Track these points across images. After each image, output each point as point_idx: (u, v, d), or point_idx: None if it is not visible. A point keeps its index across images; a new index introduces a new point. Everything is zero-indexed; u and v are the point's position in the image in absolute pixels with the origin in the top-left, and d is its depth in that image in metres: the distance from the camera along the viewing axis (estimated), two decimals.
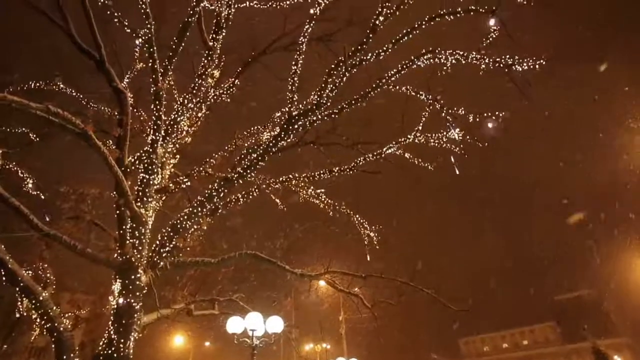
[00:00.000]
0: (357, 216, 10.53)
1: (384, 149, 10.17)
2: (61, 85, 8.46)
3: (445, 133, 9.85)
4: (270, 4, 9.86)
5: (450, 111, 9.30)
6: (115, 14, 8.29)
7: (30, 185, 8.62)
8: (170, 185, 9.30)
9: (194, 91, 9.25)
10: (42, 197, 8.56)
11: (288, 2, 9.83)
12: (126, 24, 8.51)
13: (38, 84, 8.28)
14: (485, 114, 9.19)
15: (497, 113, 9.10)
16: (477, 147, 9.91)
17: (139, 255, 8.39)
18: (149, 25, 8.49)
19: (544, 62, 8.28)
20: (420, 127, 9.94)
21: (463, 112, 9.21)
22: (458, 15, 8.72)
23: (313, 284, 12.17)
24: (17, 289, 7.23)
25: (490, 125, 9.17)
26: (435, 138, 9.97)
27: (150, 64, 8.68)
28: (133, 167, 8.98)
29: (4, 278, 7.11)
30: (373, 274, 10.33)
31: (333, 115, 9.25)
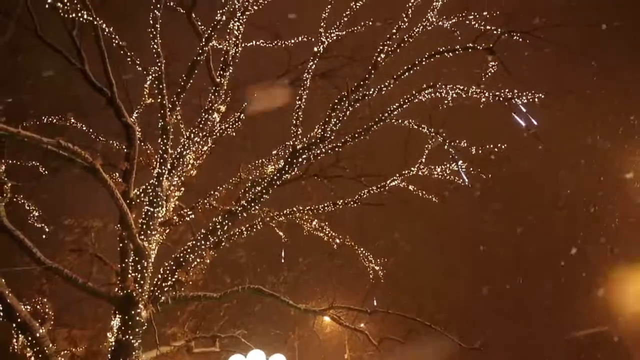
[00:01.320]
0: (362, 249, 10.41)
1: (388, 182, 10.20)
2: (72, 121, 8.73)
3: (448, 165, 9.90)
4: (275, 42, 10.28)
5: (453, 144, 9.41)
6: (129, 54, 8.66)
7: (35, 218, 8.68)
8: (175, 218, 9.32)
9: (201, 125, 9.46)
10: (47, 229, 8.60)
11: (292, 41, 10.24)
12: (138, 62, 8.86)
13: (51, 119, 8.54)
14: (488, 146, 9.28)
15: (499, 145, 9.20)
16: (482, 178, 9.94)
17: (140, 290, 8.28)
18: (159, 64, 8.84)
19: (542, 96, 8.44)
20: (423, 160, 10.01)
21: (466, 144, 9.31)
22: (457, 52, 9.01)
23: (317, 320, 11.85)
24: (14, 324, 7.11)
25: (493, 157, 9.24)
26: (439, 170, 10.01)
27: (159, 100, 8.95)
28: (138, 200, 9.05)
29: (1, 313, 7.00)
30: (379, 310, 10.08)
31: (337, 149, 9.38)
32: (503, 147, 9.27)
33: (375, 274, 10.38)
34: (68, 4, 7.88)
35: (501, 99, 8.78)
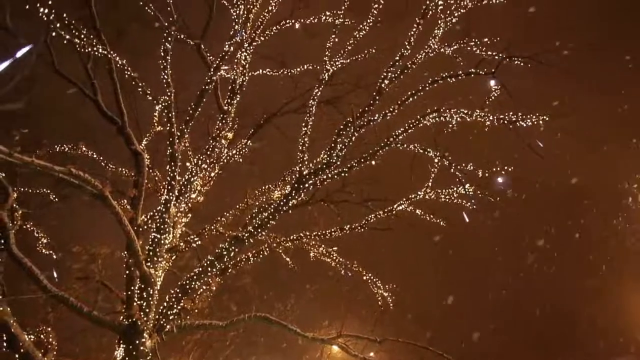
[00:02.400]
0: (370, 275, 10.25)
1: (395, 206, 10.16)
2: (84, 149, 8.94)
3: (455, 189, 9.86)
4: (281, 71, 10.57)
5: (459, 167, 9.40)
6: (140, 85, 8.95)
7: (43, 245, 8.74)
8: (181, 244, 9.32)
9: (208, 152, 9.61)
10: (55, 256, 8.63)
11: (298, 69, 10.52)
12: (149, 92, 9.13)
13: (63, 148, 8.75)
14: (494, 169, 9.26)
15: (506, 167, 9.17)
16: (491, 202, 9.86)
17: (145, 318, 8.18)
18: (169, 93, 9.10)
19: (547, 118, 8.49)
20: (430, 184, 9.99)
21: (472, 167, 9.30)
22: (459, 78, 9.16)
23: (325, 349, 11.53)
24: (17, 355, 7.01)
25: (500, 180, 9.20)
26: (446, 194, 9.97)
27: (168, 128, 9.16)
28: (145, 227, 9.09)
29: (5, 343, 6.93)
30: (389, 338, 9.80)
31: (343, 174, 9.42)
32: (510, 169, 9.25)
33: (384, 301, 10.17)
34: (85, 39, 8.24)
35: (505, 121, 8.84)
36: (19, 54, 7.58)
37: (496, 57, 8.77)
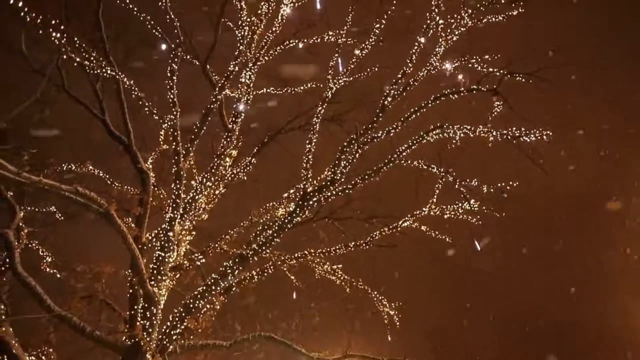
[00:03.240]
0: (375, 293, 10.11)
1: (399, 223, 10.10)
2: (91, 167, 9.03)
3: (460, 205, 9.80)
4: (285, 89, 10.72)
5: (463, 183, 9.37)
6: (147, 104, 9.11)
7: (48, 264, 8.74)
8: (185, 262, 9.28)
9: (213, 170, 9.67)
10: (59, 275, 8.62)
11: (301, 87, 10.67)
12: (155, 112, 9.28)
13: (70, 167, 8.86)
14: (499, 184, 9.23)
15: (511, 183, 9.13)
16: (496, 217, 9.78)
17: (148, 338, 8.08)
18: (175, 112, 9.24)
19: (550, 133, 8.50)
20: (434, 200, 9.94)
21: (477, 183, 9.26)
22: (462, 94, 9.23)
23: None
24: None
25: (505, 195, 9.15)
26: (451, 210, 9.90)
27: (173, 146, 9.25)
28: (150, 245, 9.08)
29: None
30: (396, 358, 9.59)
31: (347, 191, 9.41)
32: (515, 184, 9.20)
33: (390, 319, 9.99)
34: (95, 61, 8.46)
35: (509, 137, 8.85)
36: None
37: (498, 74, 8.86)
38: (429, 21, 9.04)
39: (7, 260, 7.80)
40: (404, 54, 9.32)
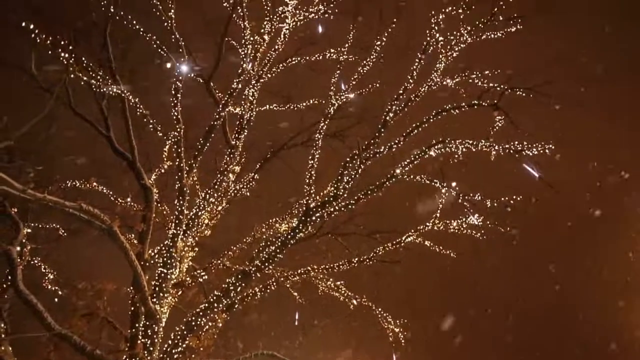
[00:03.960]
0: (380, 309, 9.96)
1: (403, 238, 10.04)
2: (95, 184, 9.09)
3: (464, 219, 9.75)
4: (288, 105, 10.84)
5: (467, 197, 9.35)
6: (151, 121, 9.22)
7: (49, 281, 8.70)
8: (187, 279, 9.22)
9: (216, 186, 9.69)
10: (60, 292, 8.57)
11: (304, 104, 10.79)
12: (159, 128, 9.39)
13: (74, 183, 8.92)
14: (503, 199, 9.20)
15: (514, 197, 9.10)
16: (501, 232, 9.71)
17: (149, 357, 7.96)
18: (178, 129, 9.33)
19: (552, 147, 8.52)
20: (438, 214, 9.90)
21: (480, 197, 9.24)
22: (462, 109, 9.30)
23: None
24: None
25: (509, 209, 9.11)
26: (455, 225, 9.85)
27: (177, 163, 9.32)
28: (152, 262, 9.04)
29: None
30: None
31: (350, 206, 9.40)
32: (519, 198, 9.17)
33: (395, 337, 9.82)
34: (101, 80, 8.64)
35: (511, 151, 8.88)
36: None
37: (498, 89, 8.94)
38: (428, 38, 9.19)
39: (9, 277, 7.78)
40: (405, 70, 9.46)
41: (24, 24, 7.56)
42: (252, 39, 9.92)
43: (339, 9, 9.97)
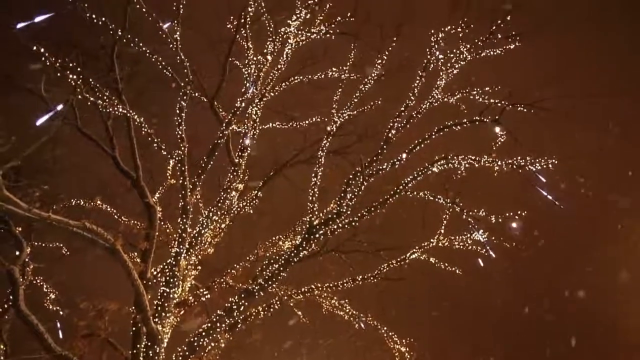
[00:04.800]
0: (385, 328, 9.77)
1: (407, 255, 9.93)
2: (99, 202, 9.14)
3: (469, 235, 9.66)
4: (290, 123, 10.95)
5: (471, 213, 9.28)
6: (155, 140, 9.34)
7: (51, 301, 8.64)
8: (190, 298, 9.12)
9: (219, 204, 9.70)
10: (61, 312, 8.50)
11: (306, 121, 10.90)
12: (163, 147, 9.49)
13: (79, 202, 8.98)
14: (507, 214, 9.12)
15: (519, 212, 9.03)
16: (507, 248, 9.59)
17: None
18: (182, 148, 9.42)
19: (555, 162, 8.49)
20: (442, 231, 9.82)
21: (484, 213, 9.17)
22: (464, 125, 9.35)
23: None
24: None
25: (514, 225, 9.02)
26: (460, 241, 9.75)
27: (180, 181, 9.36)
28: (155, 280, 8.98)
29: None
30: None
31: (353, 223, 9.36)
32: (524, 214, 9.09)
33: (401, 356, 9.58)
34: (107, 100, 8.82)
35: (514, 166, 8.86)
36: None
37: (499, 105, 9.00)
38: (429, 56, 9.32)
39: (11, 297, 7.74)
40: (406, 87, 9.56)
41: (35, 48, 7.79)
42: (255, 59, 10.12)
43: (340, 29, 10.19)
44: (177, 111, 9.55)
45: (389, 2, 10.60)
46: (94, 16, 8.67)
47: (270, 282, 8.80)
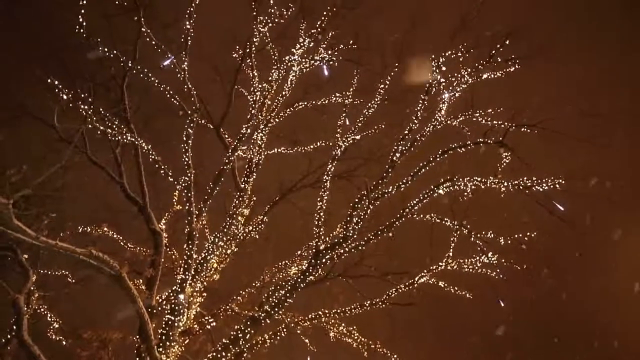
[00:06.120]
0: (395, 356, 9.45)
1: (416, 279, 9.74)
2: (106, 229, 9.18)
3: (478, 258, 9.48)
4: (295, 148, 11.07)
5: (479, 235, 9.16)
6: (163, 167, 9.45)
7: (54, 330, 8.52)
8: (195, 326, 8.96)
9: (225, 230, 9.68)
10: (64, 342, 8.36)
11: (311, 146, 11.01)
12: (170, 174, 9.59)
13: (86, 229, 9.03)
14: (516, 235, 8.98)
15: (528, 233, 8.88)
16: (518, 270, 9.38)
17: None
18: (189, 174, 9.52)
19: (563, 182, 8.42)
20: (450, 254, 9.66)
21: (493, 235, 9.04)
22: (468, 147, 9.36)
23: None
24: None
25: (524, 246, 8.86)
26: (469, 264, 9.56)
27: (187, 207, 9.40)
28: (160, 308, 8.86)
29: None
30: None
31: (360, 247, 9.26)
32: (533, 235, 8.95)
33: None
34: (116, 129, 9.04)
35: (521, 187, 8.79)
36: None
37: (503, 126, 9.03)
38: (430, 80, 9.47)
39: (14, 327, 7.65)
40: (410, 110, 9.67)
41: (49, 80, 8.08)
42: (260, 86, 10.36)
43: (343, 56, 10.45)
44: (184, 138, 9.72)
45: (389, 29, 10.91)
46: (106, 49, 9.02)
47: (276, 309, 8.64)
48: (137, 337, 8.23)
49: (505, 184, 8.90)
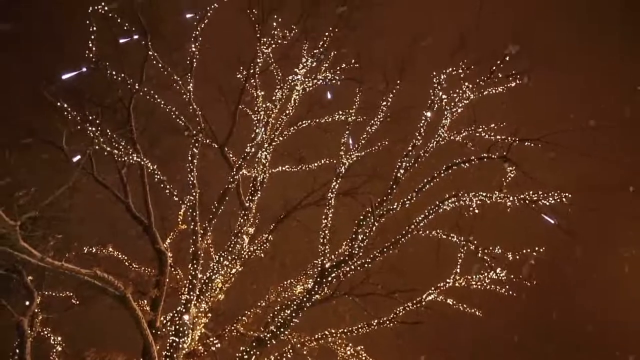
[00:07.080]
0: None
1: (423, 296, 9.58)
2: (110, 249, 9.17)
3: (486, 274, 9.32)
4: (300, 166, 11.11)
5: (486, 251, 9.03)
6: (168, 187, 9.50)
7: (57, 353, 8.41)
8: (200, 348, 8.80)
9: (230, 249, 9.63)
10: None
11: (316, 164, 11.05)
12: (175, 193, 9.63)
13: (91, 249, 9.02)
14: (525, 251, 8.85)
15: (537, 248, 8.75)
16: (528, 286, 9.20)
17: None
18: (194, 194, 9.55)
19: (569, 195, 8.35)
20: (458, 270, 9.51)
21: (500, 250, 8.91)
22: (472, 163, 9.34)
23: None
24: None
25: (533, 262, 8.72)
26: (477, 280, 9.40)
27: (192, 226, 9.39)
28: (164, 329, 8.74)
29: None
30: None
31: (366, 265, 9.15)
32: (541, 249, 8.81)
33: None
34: (123, 150, 9.16)
35: (526, 201, 8.72)
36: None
37: (506, 141, 9.02)
38: (432, 97, 9.55)
39: (17, 350, 7.57)
40: (412, 127, 9.72)
41: (59, 103, 8.25)
42: (264, 106, 10.49)
43: (346, 75, 10.61)
44: (189, 158, 9.79)
45: (390, 48, 11.09)
46: (114, 73, 9.23)
47: (282, 329, 8.50)
48: (141, 359, 8.10)
49: (511, 198, 8.83)
